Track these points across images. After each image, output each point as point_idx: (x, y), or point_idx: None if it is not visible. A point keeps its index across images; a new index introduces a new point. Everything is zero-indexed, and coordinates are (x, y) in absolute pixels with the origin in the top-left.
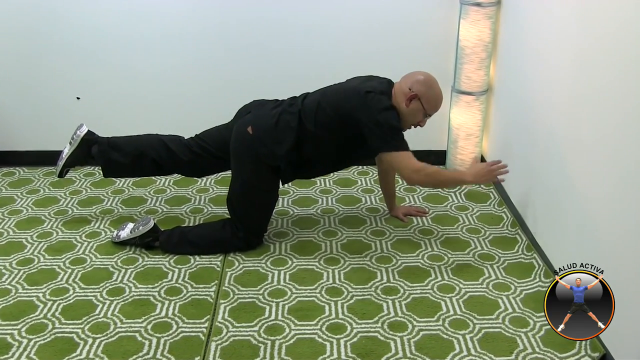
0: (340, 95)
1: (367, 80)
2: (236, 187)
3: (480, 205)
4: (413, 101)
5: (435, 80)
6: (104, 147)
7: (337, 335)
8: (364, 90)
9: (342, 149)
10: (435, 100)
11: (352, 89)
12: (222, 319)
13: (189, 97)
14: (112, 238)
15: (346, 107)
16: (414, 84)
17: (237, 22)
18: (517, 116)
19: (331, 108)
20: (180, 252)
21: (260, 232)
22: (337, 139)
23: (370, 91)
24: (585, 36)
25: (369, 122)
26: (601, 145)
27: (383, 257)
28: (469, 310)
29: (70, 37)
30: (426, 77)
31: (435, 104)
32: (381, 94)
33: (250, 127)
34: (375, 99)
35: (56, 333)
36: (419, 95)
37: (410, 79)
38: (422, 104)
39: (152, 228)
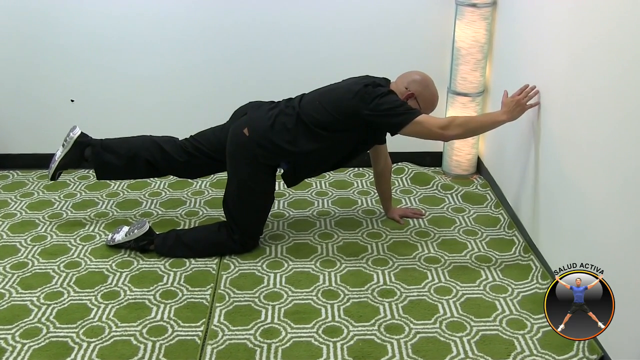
0: (339, 93)
1: (364, 78)
2: (232, 189)
3: (477, 207)
4: (409, 100)
5: (431, 80)
6: (98, 149)
7: (334, 339)
8: (362, 84)
9: (346, 145)
10: (432, 99)
11: (350, 85)
12: (217, 322)
13: (183, 98)
14: (107, 241)
15: (346, 103)
16: (411, 84)
17: (233, 24)
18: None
19: (331, 106)
20: (176, 255)
21: (256, 234)
22: (340, 136)
23: (367, 84)
24: (582, 36)
25: (373, 112)
26: (598, 145)
27: (379, 260)
28: (466, 312)
29: (64, 39)
30: (422, 76)
31: (432, 103)
32: (378, 85)
33: (246, 128)
34: (372, 90)
35: (50, 337)
36: (415, 95)
37: (407, 79)
38: (418, 103)
39: (147, 231)
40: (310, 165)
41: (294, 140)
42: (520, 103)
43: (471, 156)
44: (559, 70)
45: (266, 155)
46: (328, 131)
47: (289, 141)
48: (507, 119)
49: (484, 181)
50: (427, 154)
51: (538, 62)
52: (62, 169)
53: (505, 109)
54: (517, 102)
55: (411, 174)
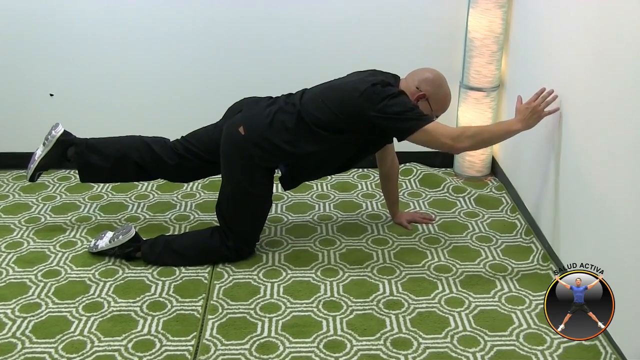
0: (344, 90)
1: (371, 75)
2: (226, 192)
3: (491, 211)
4: (420, 101)
5: (444, 79)
6: (82, 149)
7: (336, 354)
8: (369, 82)
9: (347, 149)
10: (444, 100)
11: (356, 83)
12: (210, 336)
13: (173, 95)
14: (89, 248)
15: (351, 102)
16: (422, 83)
17: (227, 15)
18: None
19: (335, 105)
20: (165, 262)
21: (251, 240)
22: (342, 138)
23: (375, 83)
24: (607, 25)
25: (381, 114)
26: (622, 147)
27: (385, 268)
28: (480, 326)
29: (44, 31)
30: (435, 75)
31: (444, 104)
32: (387, 85)
33: (242, 127)
34: (381, 90)
35: (26, 353)
36: (427, 95)
37: (418, 77)
38: (430, 105)
39: (133, 237)
40: (310, 168)
41: (293, 140)
42: (536, 110)
43: (485, 156)
44: (582, 64)
45: (263, 156)
46: (329, 132)
47: (289, 141)
48: (522, 128)
49: (499, 183)
50: (438, 154)
51: (559, 55)
52: (42, 170)
53: (519, 117)
54: (533, 109)
55: (420, 176)
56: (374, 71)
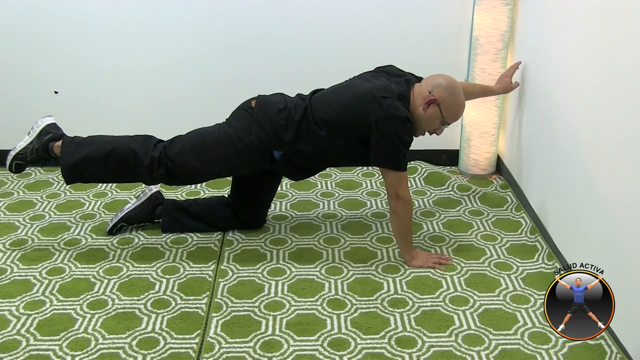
0: (353, 97)
1: (385, 75)
2: (211, 127)
3: (496, 210)
4: (431, 106)
5: (458, 87)
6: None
7: (340, 352)
8: (379, 95)
9: (338, 157)
10: (456, 108)
11: (366, 93)
12: (214, 334)
13: (172, 93)
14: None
15: (358, 110)
16: (435, 88)
17: (231, 10)
18: (537, 113)
19: (340, 108)
20: (80, 154)
21: (176, 171)
22: (335, 144)
23: (386, 96)
24: (615, 24)
25: (379, 132)
26: (629, 146)
27: (390, 267)
28: (485, 324)
29: (44, 28)
30: (449, 82)
31: (455, 112)
32: (398, 99)
33: (255, 101)
34: (391, 107)
35: (31, 351)
36: (438, 101)
37: (432, 82)
38: (440, 111)
39: (50, 123)
40: (300, 166)
41: (294, 134)
42: (430, 259)
43: (490, 154)
44: (590, 61)
45: (260, 135)
46: (326, 133)
47: (288, 132)
48: (408, 260)
49: (504, 182)
50: (443, 152)
51: (565, 53)
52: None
53: (416, 256)
54: (428, 259)
55: (425, 174)
56: (388, 67)
